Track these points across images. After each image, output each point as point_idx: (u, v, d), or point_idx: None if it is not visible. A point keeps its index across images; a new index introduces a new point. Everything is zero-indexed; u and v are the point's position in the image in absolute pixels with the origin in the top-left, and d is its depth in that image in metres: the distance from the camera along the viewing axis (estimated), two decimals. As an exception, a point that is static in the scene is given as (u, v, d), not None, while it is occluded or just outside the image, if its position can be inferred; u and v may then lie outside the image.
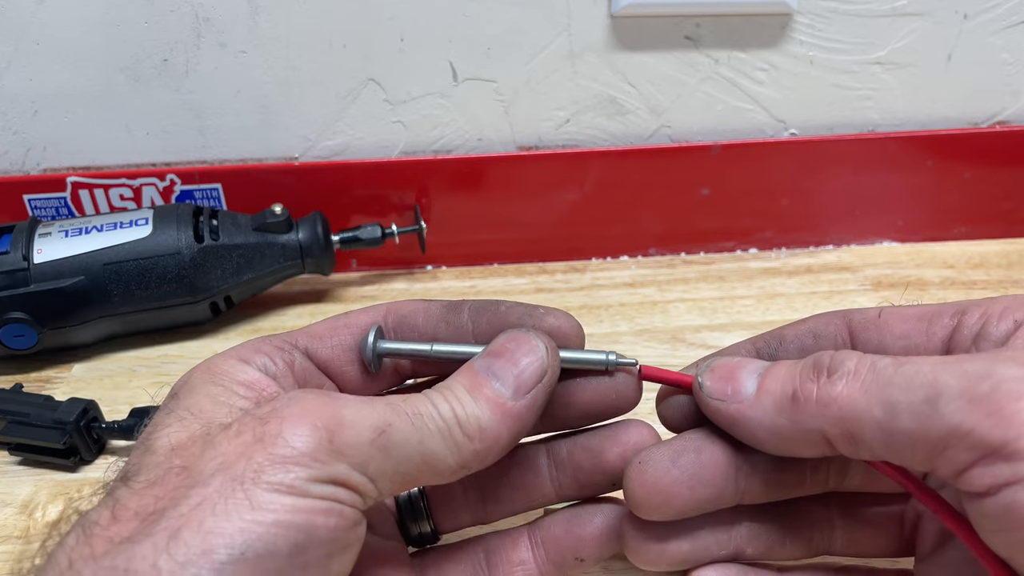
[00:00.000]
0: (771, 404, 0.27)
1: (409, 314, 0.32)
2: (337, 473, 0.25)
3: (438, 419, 0.27)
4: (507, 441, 0.28)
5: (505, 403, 0.28)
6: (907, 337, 0.29)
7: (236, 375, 0.28)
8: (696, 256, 0.59)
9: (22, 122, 0.52)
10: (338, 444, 0.25)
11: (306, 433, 0.24)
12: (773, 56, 0.53)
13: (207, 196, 0.54)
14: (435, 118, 0.54)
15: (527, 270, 0.58)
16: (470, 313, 0.31)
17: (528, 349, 0.29)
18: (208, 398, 0.27)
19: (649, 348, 0.50)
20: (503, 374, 0.28)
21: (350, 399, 0.26)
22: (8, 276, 0.46)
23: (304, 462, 0.24)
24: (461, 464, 0.27)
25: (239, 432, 0.25)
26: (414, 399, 0.27)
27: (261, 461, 0.24)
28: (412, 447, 0.26)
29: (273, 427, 0.24)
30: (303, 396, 0.26)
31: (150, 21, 0.49)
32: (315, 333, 0.31)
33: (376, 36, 0.51)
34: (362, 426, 0.25)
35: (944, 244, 0.59)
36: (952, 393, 0.23)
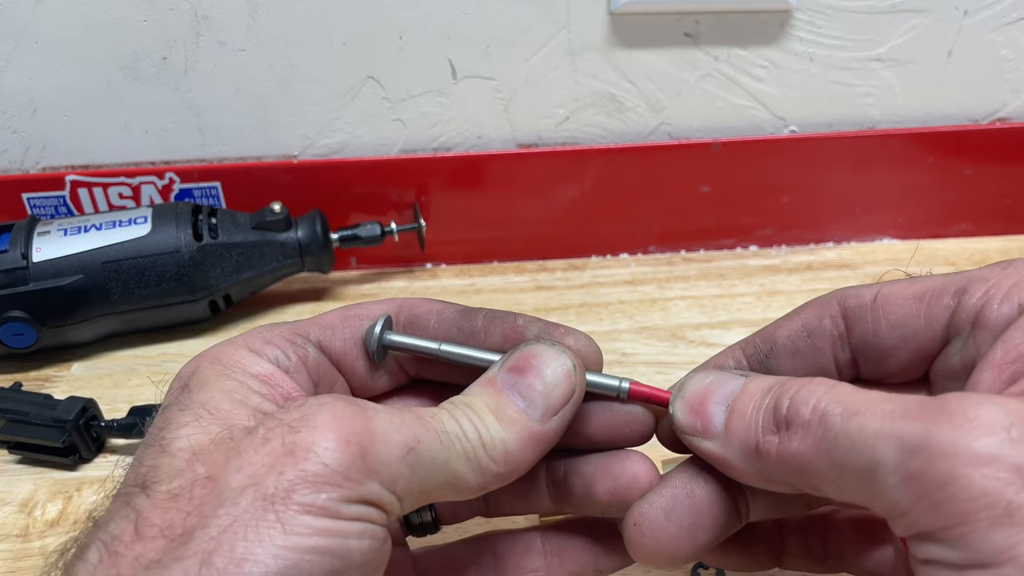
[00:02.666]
0: (738, 449, 0.26)
1: (423, 314, 0.31)
2: (369, 493, 0.24)
3: (464, 440, 0.26)
4: (531, 463, 0.27)
5: (532, 426, 0.27)
6: (904, 325, 0.27)
7: (248, 367, 0.27)
8: (696, 253, 0.59)
9: (21, 121, 0.52)
10: (371, 462, 0.24)
11: (339, 449, 0.23)
12: (773, 53, 0.53)
13: (206, 194, 0.54)
14: (434, 116, 0.54)
15: (527, 268, 0.58)
16: (484, 321, 0.30)
17: (556, 367, 0.27)
18: (224, 395, 0.26)
19: (649, 346, 0.50)
20: (529, 393, 0.27)
21: (380, 410, 0.25)
22: (7, 275, 0.46)
23: (337, 481, 0.23)
24: (482, 486, 0.26)
25: (266, 439, 0.23)
26: (440, 415, 0.26)
27: (292, 478, 0.22)
28: (439, 466, 0.25)
29: (304, 437, 0.23)
30: (333, 404, 0.24)
31: (149, 19, 0.49)
32: (327, 324, 0.30)
33: (375, 34, 0.51)
34: (393, 442, 0.24)
35: (944, 241, 0.59)
36: (889, 467, 0.21)
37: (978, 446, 0.20)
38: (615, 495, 0.30)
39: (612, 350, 0.50)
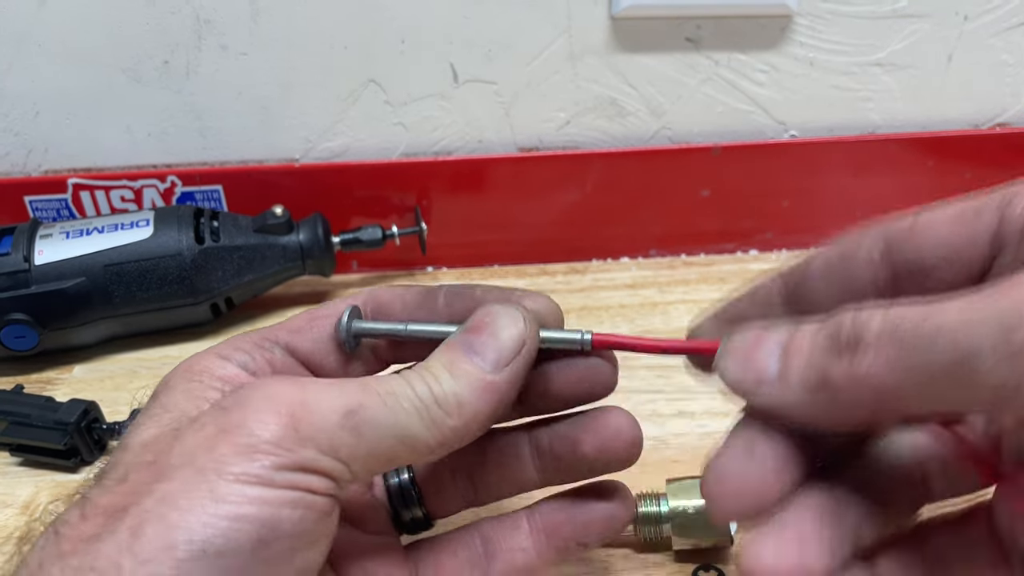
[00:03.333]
0: (800, 388, 0.24)
1: (387, 302, 0.31)
2: (304, 460, 0.24)
3: (413, 397, 0.26)
4: (486, 416, 0.27)
5: (484, 376, 0.27)
6: (946, 244, 0.26)
7: (215, 371, 0.28)
8: (696, 257, 0.59)
9: (23, 123, 0.52)
10: (305, 429, 0.24)
11: (270, 420, 0.24)
12: (773, 58, 0.53)
13: (208, 198, 0.54)
14: (436, 120, 0.54)
15: (528, 271, 0.58)
16: (446, 298, 0.31)
17: (506, 321, 0.28)
18: (183, 394, 0.27)
19: (649, 349, 0.50)
20: (482, 347, 0.28)
21: (319, 382, 0.26)
22: (9, 277, 0.46)
23: (268, 450, 0.24)
24: (440, 442, 0.27)
25: (203, 424, 0.24)
26: (388, 379, 0.27)
27: (225, 452, 0.23)
28: (386, 427, 0.26)
29: (236, 416, 0.24)
30: (267, 382, 0.25)
31: (151, 23, 0.49)
32: (294, 327, 0.31)
33: (377, 38, 0.51)
34: (329, 408, 0.25)
35: (944, 245, 0.59)
36: (985, 351, 0.20)
37: None
38: (602, 449, 0.30)
39: (613, 354, 0.50)
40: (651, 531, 0.36)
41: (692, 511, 0.36)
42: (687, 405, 0.46)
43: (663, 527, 0.36)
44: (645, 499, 0.37)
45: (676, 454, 0.43)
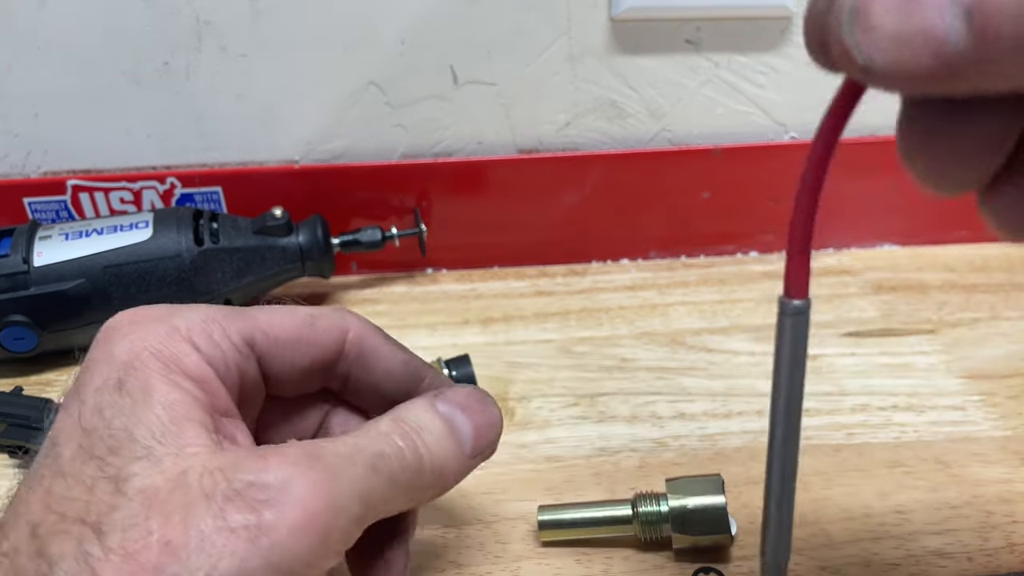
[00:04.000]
0: (1014, 35, 0.15)
1: (368, 354, 0.31)
2: (324, 570, 0.24)
3: (409, 471, 0.27)
4: (445, 492, 0.29)
5: (464, 457, 0.29)
6: None
7: (187, 365, 0.26)
8: (696, 259, 0.59)
9: (23, 125, 0.52)
10: (333, 540, 0.24)
11: (304, 538, 0.23)
12: (773, 59, 0.53)
13: (207, 199, 0.54)
14: (435, 121, 0.54)
15: (527, 273, 0.58)
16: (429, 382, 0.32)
17: (489, 416, 0.30)
18: (167, 410, 0.25)
19: (649, 351, 0.50)
20: (463, 426, 0.29)
21: (338, 464, 0.25)
22: (8, 279, 0.46)
23: (299, 571, 0.23)
24: (411, 505, 0.28)
25: (224, 514, 0.22)
26: (388, 453, 0.26)
27: (255, 568, 0.22)
28: (383, 505, 0.26)
29: (268, 522, 0.23)
30: (296, 475, 0.24)
31: (151, 24, 0.49)
32: (275, 338, 0.29)
33: (377, 39, 0.51)
34: (351, 503, 0.24)
35: (945, 247, 0.59)
36: None
37: None
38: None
39: (612, 355, 0.50)
40: (651, 531, 0.36)
41: (692, 509, 0.36)
42: (687, 407, 0.46)
43: (663, 527, 0.36)
44: (645, 499, 0.37)
45: (675, 456, 0.43)
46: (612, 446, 0.44)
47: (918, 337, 0.50)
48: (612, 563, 0.37)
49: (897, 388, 0.47)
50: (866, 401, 0.46)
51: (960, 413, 0.45)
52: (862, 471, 0.41)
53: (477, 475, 0.42)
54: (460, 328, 0.52)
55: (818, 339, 0.50)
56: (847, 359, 0.49)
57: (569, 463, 0.43)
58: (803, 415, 0.46)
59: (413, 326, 0.53)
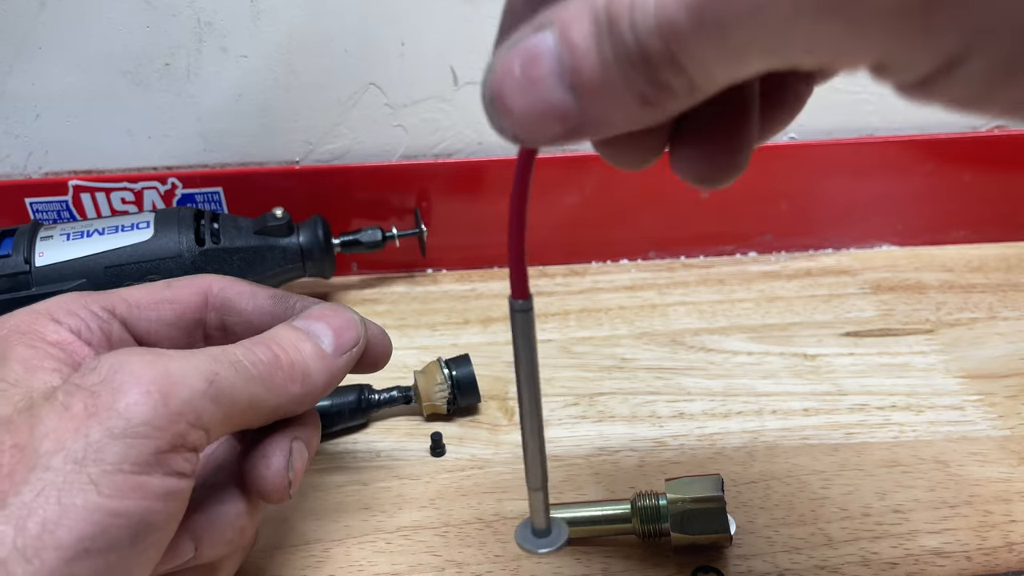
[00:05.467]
0: (619, 64, 0.18)
1: (233, 297, 0.33)
2: (176, 437, 0.25)
3: (260, 364, 0.28)
4: (321, 391, 0.30)
5: (326, 356, 0.31)
6: None
7: (47, 335, 0.28)
8: (696, 259, 0.59)
9: (24, 125, 0.52)
10: (174, 404, 0.25)
11: (140, 400, 0.24)
12: (772, 60, 0.53)
13: (208, 199, 0.54)
14: (436, 122, 0.54)
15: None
16: (300, 304, 0.34)
17: (345, 318, 0.32)
18: (21, 364, 0.27)
19: (649, 351, 0.50)
20: (323, 333, 0.31)
21: (173, 353, 0.27)
22: (10, 279, 0.46)
23: (144, 433, 0.24)
24: (279, 405, 0.29)
25: (67, 405, 0.24)
26: (231, 348, 0.28)
27: (99, 438, 0.23)
28: (239, 392, 0.27)
29: (105, 398, 0.24)
30: (127, 358, 0.25)
31: (152, 25, 0.50)
32: (135, 302, 0.32)
33: (377, 40, 0.51)
34: (193, 379, 0.26)
35: (943, 248, 0.59)
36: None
37: None
38: None
39: (612, 355, 0.50)
40: (650, 530, 0.37)
41: (691, 508, 0.36)
42: (686, 407, 0.46)
43: (662, 526, 0.36)
44: (644, 498, 0.37)
45: (675, 455, 0.43)
46: (612, 445, 0.44)
47: (916, 337, 0.50)
48: (611, 562, 0.37)
49: (895, 388, 0.47)
50: (865, 401, 0.46)
51: (958, 413, 0.45)
52: (861, 470, 0.42)
53: (477, 475, 0.42)
54: (460, 328, 0.53)
55: (817, 339, 0.50)
56: (845, 359, 0.49)
57: (569, 462, 0.43)
58: (802, 415, 0.46)
59: (413, 326, 0.53)
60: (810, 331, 0.51)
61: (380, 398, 0.45)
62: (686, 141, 0.26)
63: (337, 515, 0.40)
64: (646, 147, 0.27)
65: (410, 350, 0.50)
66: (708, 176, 0.27)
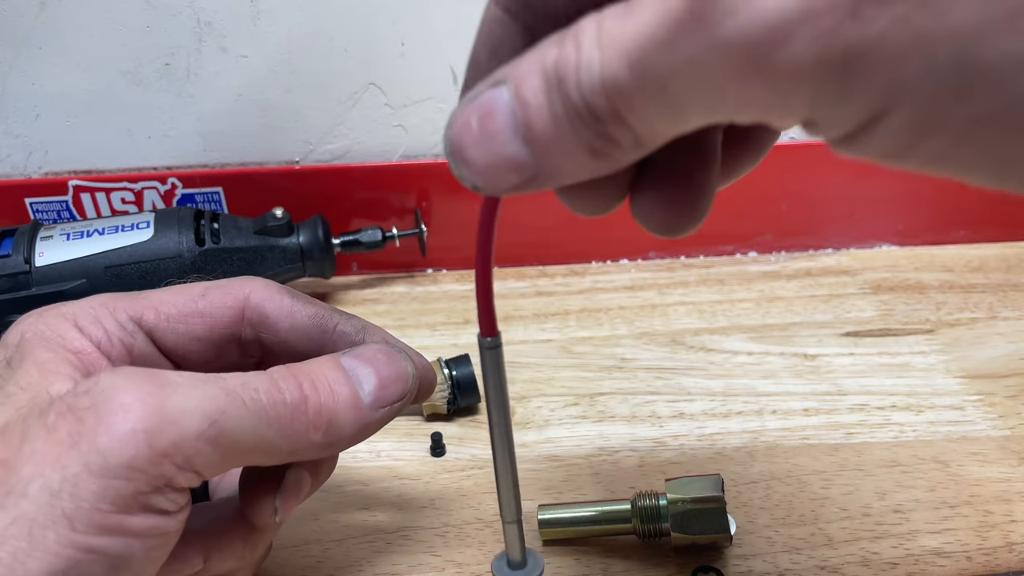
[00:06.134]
0: (567, 125, 0.19)
1: (272, 315, 0.30)
2: (159, 479, 0.23)
3: (281, 405, 0.25)
4: (347, 443, 0.27)
5: (361, 407, 0.27)
6: None
7: (69, 342, 0.27)
8: (696, 259, 0.59)
9: (24, 126, 0.52)
10: (160, 446, 0.23)
11: (123, 439, 0.23)
12: (772, 60, 0.53)
13: (208, 199, 0.54)
14: (436, 122, 0.54)
15: (527, 273, 0.58)
16: (340, 331, 0.31)
17: (397, 368, 0.29)
18: (37, 368, 0.26)
19: (649, 351, 0.50)
20: (367, 380, 0.28)
21: (179, 382, 0.24)
22: (10, 279, 0.46)
23: (122, 474, 0.23)
24: (293, 451, 0.26)
25: (53, 427, 0.23)
26: (254, 380, 0.26)
27: (77, 472, 0.22)
28: (246, 435, 0.25)
29: (89, 428, 0.23)
30: (123, 384, 0.24)
31: (152, 25, 0.50)
32: (165, 313, 0.30)
33: (377, 40, 0.51)
34: (190, 418, 0.24)
35: (943, 248, 0.59)
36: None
37: None
38: None
39: (612, 355, 0.50)
40: (650, 530, 0.37)
41: (691, 508, 0.36)
42: (686, 407, 0.46)
43: (662, 526, 0.36)
44: (644, 498, 0.37)
45: (675, 455, 0.43)
46: (612, 445, 0.44)
47: (916, 337, 0.50)
48: (612, 562, 0.37)
49: (895, 388, 0.47)
50: (865, 401, 0.46)
51: (958, 413, 0.45)
52: (861, 470, 0.42)
53: (477, 475, 0.42)
54: (460, 328, 0.53)
55: (817, 339, 0.50)
56: (845, 359, 0.49)
57: (569, 462, 0.43)
58: (802, 415, 0.46)
59: (413, 326, 0.53)
60: (810, 331, 0.51)
61: (380, 398, 0.45)
62: (647, 187, 0.27)
63: (337, 515, 0.40)
64: (607, 194, 0.27)
65: (410, 350, 0.50)
66: (668, 223, 0.27)
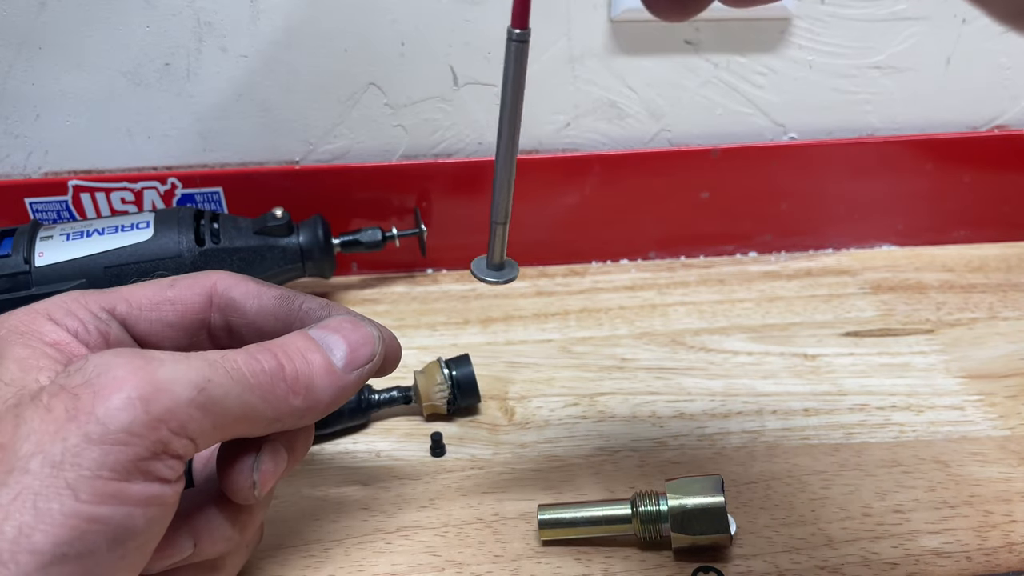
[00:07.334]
0: None
1: (239, 298, 0.32)
2: (156, 444, 0.24)
3: (260, 374, 0.27)
4: (326, 407, 0.29)
5: (335, 371, 0.29)
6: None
7: (45, 335, 0.28)
8: (696, 259, 0.59)
9: (24, 126, 0.52)
10: (156, 411, 0.24)
11: (120, 407, 0.24)
12: (772, 60, 0.53)
13: (208, 200, 0.54)
14: (436, 122, 0.54)
15: (527, 273, 0.58)
16: (305, 307, 0.33)
17: (363, 333, 0.31)
18: (17, 364, 0.27)
19: (649, 351, 0.50)
20: (336, 346, 0.30)
21: (164, 357, 0.26)
22: (10, 279, 0.46)
23: (122, 440, 0.24)
24: (276, 417, 0.28)
25: (49, 407, 0.24)
26: (232, 354, 0.27)
27: (77, 443, 0.23)
28: (232, 401, 0.26)
29: (85, 402, 0.24)
30: (113, 361, 0.25)
31: (152, 25, 0.50)
32: (136, 303, 0.31)
33: (377, 40, 0.51)
34: (180, 386, 0.25)
35: (943, 248, 0.59)
36: None
37: None
38: None
39: (612, 355, 0.50)
40: (650, 530, 0.37)
41: (691, 508, 0.36)
42: (686, 407, 0.46)
43: (663, 526, 0.36)
44: (644, 498, 0.37)
45: (675, 455, 0.43)
46: (612, 446, 0.44)
47: (916, 337, 0.50)
48: (612, 562, 0.37)
49: (896, 388, 0.47)
50: (865, 401, 0.46)
51: (958, 413, 0.45)
52: (861, 470, 0.42)
53: (477, 475, 0.42)
54: (460, 328, 0.53)
55: (817, 339, 0.50)
56: (846, 359, 0.49)
57: (569, 462, 0.43)
58: (803, 415, 0.46)
59: (413, 326, 0.53)
60: (810, 331, 0.51)
61: (380, 398, 0.45)
62: None
63: (337, 515, 0.40)
64: None
65: (410, 350, 0.50)
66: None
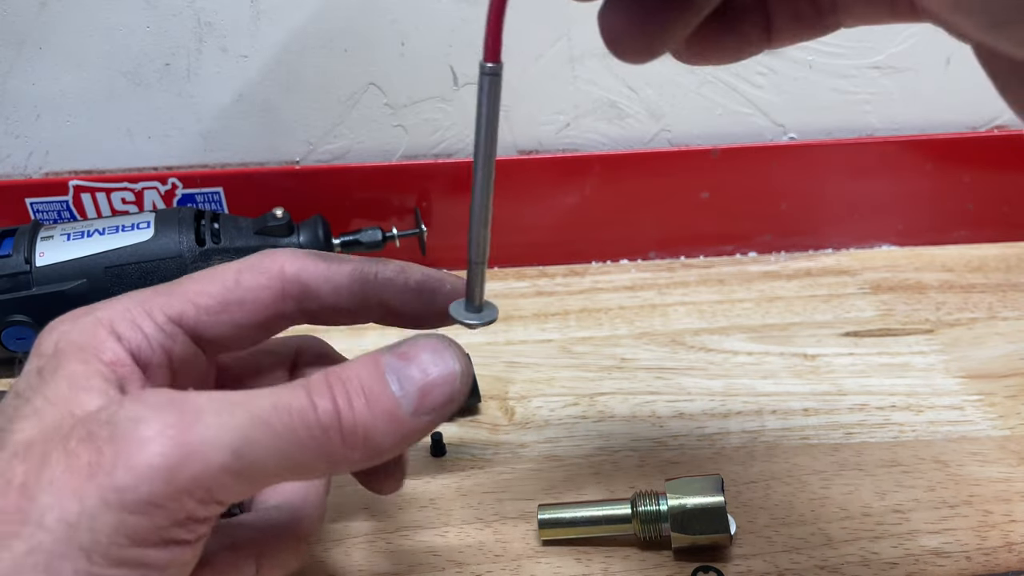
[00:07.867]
0: None
1: (310, 282, 0.30)
2: (179, 513, 0.23)
3: (314, 427, 0.24)
4: (389, 456, 0.25)
5: (401, 417, 0.25)
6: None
7: (104, 352, 0.26)
8: (696, 259, 0.59)
9: (25, 126, 0.52)
10: (181, 482, 0.22)
11: (142, 475, 0.22)
12: (772, 60, 0.53)
13: (209, 200, 0.54)
14: (436, 122, 0.54)
15: (527, 273, 0.58)
16: (383, 288, 0.31)
17: (443, 369, 0.26)
18: (68, 380, 0.25)
19: (649, 351, 0.50)
20: (408, 384, 0.25)
21: (203, 407, 0.23)
22: (10, 279, 0.46)
23: (140, 510, 0.22)
24: (325, 471, 0.25)
25: (74, 454, 0.22)
26: (287, 396, 0.24)
27: (94, 506, 0.22)
28: (272, 462, 0.23)
29: (107, 460, 0.22)
30: (143, 414, 0.23)
31: (152, 26, 0.50)
32: (204, 306, 0.28)
33: (377, 40, 0.51)
34: (214, 450, 0.22)
35: (943, 248, 0.59)
36: None
37: None
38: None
39: (612, 355, 0.50)
40: (650, 530, 0.37)
41: (691, 508, 0.36)
42: (686, 406, 0.46)
43: (662, 526, 0.36)
44: (644, 498, 0.37)
45: (675, 455, 0.43)
46: (611, 445, 0.44)
47: (916, 337, 0.51)
48: (612, 562, 0.37)
49: (895, 388, 0.47)
50: (864, 401, 0.46)
51: (958, 413, 0.45)
52: (860, 470, 0.42)
53: (477, 475, 0.42)
54: (460, 328, 0.53)
55: (816, 339, 0.50)
56: (845, 359, 0.49)
57: (569, 462, 0.43)
58: (802, 415, 0.46)
59: (413, 326, 0.53)
60: (810, 331, 0.51)
61: (380, 398, 0.45)
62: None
63: (337, 515, 0.40)
64: None
65: (410, 350, 0.50)
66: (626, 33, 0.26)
